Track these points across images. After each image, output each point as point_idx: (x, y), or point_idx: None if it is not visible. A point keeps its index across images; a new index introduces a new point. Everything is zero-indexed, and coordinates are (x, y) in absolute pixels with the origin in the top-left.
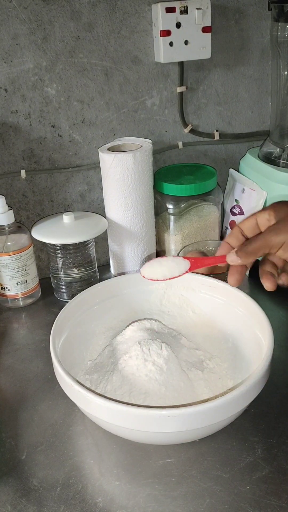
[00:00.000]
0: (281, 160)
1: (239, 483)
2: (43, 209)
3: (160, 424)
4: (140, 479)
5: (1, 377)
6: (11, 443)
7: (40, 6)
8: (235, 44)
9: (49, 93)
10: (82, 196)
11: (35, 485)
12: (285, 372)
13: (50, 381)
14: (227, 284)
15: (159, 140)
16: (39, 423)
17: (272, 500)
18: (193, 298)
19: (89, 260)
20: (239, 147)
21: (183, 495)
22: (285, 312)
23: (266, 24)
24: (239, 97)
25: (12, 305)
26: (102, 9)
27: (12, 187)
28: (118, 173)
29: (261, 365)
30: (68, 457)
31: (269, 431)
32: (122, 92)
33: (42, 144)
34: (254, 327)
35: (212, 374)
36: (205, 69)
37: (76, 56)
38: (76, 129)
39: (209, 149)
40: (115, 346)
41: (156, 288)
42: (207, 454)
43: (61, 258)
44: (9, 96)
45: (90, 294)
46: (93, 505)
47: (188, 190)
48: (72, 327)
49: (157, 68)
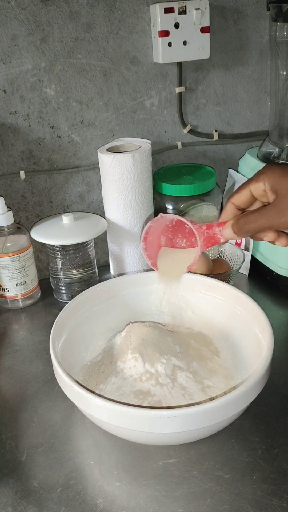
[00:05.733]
0: (280, 160)
1: (240, 483)
2: (42, 210)
3: (160, 424)
4: (140, 479)
5: (1, 378)
6: (11, 444)
7: (39, 7)
8: (234, 44)
9: (48, 94)
10: (81, 197)
11: (36, 486)
12: (285, 372)
13: (50, 382)
14: (227, 284)
15: (158, 140)
16: (39, 424)
17: (273, 500)
18: (192, 298)
19: (88, 261)
20: (238, 147)
21: (184, 496)
22: (285, 312)
23: (264, 24)
24: (238, 97)
25: (11, 306)
26: (100, 10)
27: (11, 188)
28: (117, 173)
29: (261, 365)
30: (68, 458)
31: (269, 431)
32: (121, 92)
33: (41, 145)
34: (254, 327)
35: (212, 375)
36: (204, 70)
37: (75, 57)
38: (75, 129)
39: (208, 149)
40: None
41: (155, 288)
42: (208, 455)
43: (60, 259)
44: (8, 97)
45: (89, 295)
46: (94, 506)
47: (187, 191)
48: (71, 328)
49: (155, 69)
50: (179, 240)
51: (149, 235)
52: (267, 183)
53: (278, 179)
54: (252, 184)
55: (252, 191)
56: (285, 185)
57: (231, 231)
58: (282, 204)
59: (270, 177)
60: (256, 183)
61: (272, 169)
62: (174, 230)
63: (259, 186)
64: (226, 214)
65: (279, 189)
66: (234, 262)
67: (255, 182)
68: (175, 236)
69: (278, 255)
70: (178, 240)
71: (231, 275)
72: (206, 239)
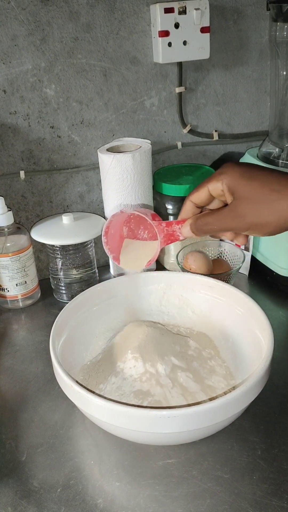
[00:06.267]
0: (280, 160)
1: (240, 483)
2: (42, 210)
3: (160, 424)
4: (140, 479)
5: (1, 378)
6: (11, 444)
7: (39, 7)
8: (234, 45)
9: (48, 94)
10: (81, 197)
11: (36, 486)
12: (285, 372)
13: (50, 382)
14: (227, 284)
15: (158, 140)
16: (39, 424)
17: (272, 500)
18: (192, 298)
19: (88, 261)
20: (238, 147)
21: (183, 496)
22: (285, 312)
23: (264, 24)
24: (238, 97)
25: (11, 306)
26: (100, 10)
27: (11, 188)
28: (117, 173)
29: (261, 365)
30: (68, 458)
31: (269, 431)
32: (121, 92)
33: (41, 145)
34: (254, 327)
35: (212, 375)
36: (203, 70)
37: (75, 57)
38: (75, 130)
39: (208, 149)
40: (114, 346)
41: (155, 288)
42: (208, 455)
43: (60, 259)
44: (8, 97)
45: (89, 295)
46: (94, 506)
47: (187, 191)
48: (71, 328)
49: (155, 69)
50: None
51: (110, 229)
52: (225, 184)
53: (236, 181)
54: (211, 184)
55: (210, 191)
56: (243, 188)
57: (189, 230)
58: (238, 208)
59: (229, 177)
60: (215, 183)
61: (232, 169)
62: (136, 222)
63: (217, 186)
64: (185, 212)
65: (236, 192)
66: (234, 262)
67: (214, 182)
68: (137, 227)
69: (278, 255)
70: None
71: (231, 275)
72: (165, 236)
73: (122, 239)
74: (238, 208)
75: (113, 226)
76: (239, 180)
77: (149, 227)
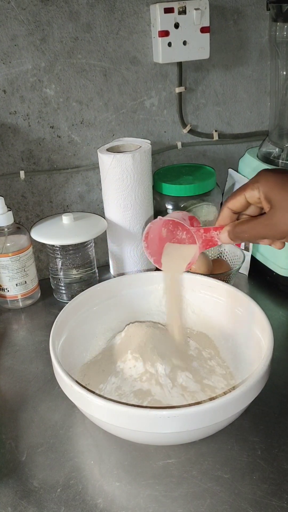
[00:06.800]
0: (280, 160)
1: (240, 483)
2: (42, 210)
3: (160, 424)
4: (140, 480)
5: (1, 379)
6: (11, 444)
7: (39, 7)
8: (234, 45)
9: (47, 94)
10: (81, 197)
11: (36, 486)
12: (285, 372)
13: (50, 382)
14: (227, 284)
15: (158, 140)
16: (39, 424)
17: (272, 500)
18: (192, 298)
19: (88, 261)
20: (238, 147)
21: (183, 496)
22: (285, 312)
23: (264, 24)
24: (238, 97)
25: (11, 306)
26: (100, 10)
27: (11, 188)
28: (117, 173)
29: (261, 365)
30: (68, 458)
31: (269, 431)
32: (121, 92)
33: (41, 145)
34: (254, 327)
35: (212, 374)
36: (203, 70)
37: (75, 57)
38: (75, 130)
39: (208, 149)
40: (114, 346)
41: (155, 288)
42: (207, 455)
43: (60, 259)
44: (8, 97)
45: (89, 295)
46: (94, 506)
47: (187, 191)
48: (71, 328)
49: (155, 69)
50: (179, 232)
51: (149, 234)
52: (261, 192)
53: (271, 189)
54: (247, 192)
55: (247, 198)
56: (279, 196)
57: (227, 237)
58: (275, 217)
59: (264, 186)
60: (251, 191)
61: (266, 178)
62: (174, 223)
63: (253, 194)
64: (223, 218)
65: (273, 200)
66: (234, 262)
67: (250, 190)
68: (176, 228)
69: (278, 255)
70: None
71: (231, 275)
72: (204, 241)
73: (161, 242)
74: (274, 217)
75: (152, 231)
76: (274, 189)
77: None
